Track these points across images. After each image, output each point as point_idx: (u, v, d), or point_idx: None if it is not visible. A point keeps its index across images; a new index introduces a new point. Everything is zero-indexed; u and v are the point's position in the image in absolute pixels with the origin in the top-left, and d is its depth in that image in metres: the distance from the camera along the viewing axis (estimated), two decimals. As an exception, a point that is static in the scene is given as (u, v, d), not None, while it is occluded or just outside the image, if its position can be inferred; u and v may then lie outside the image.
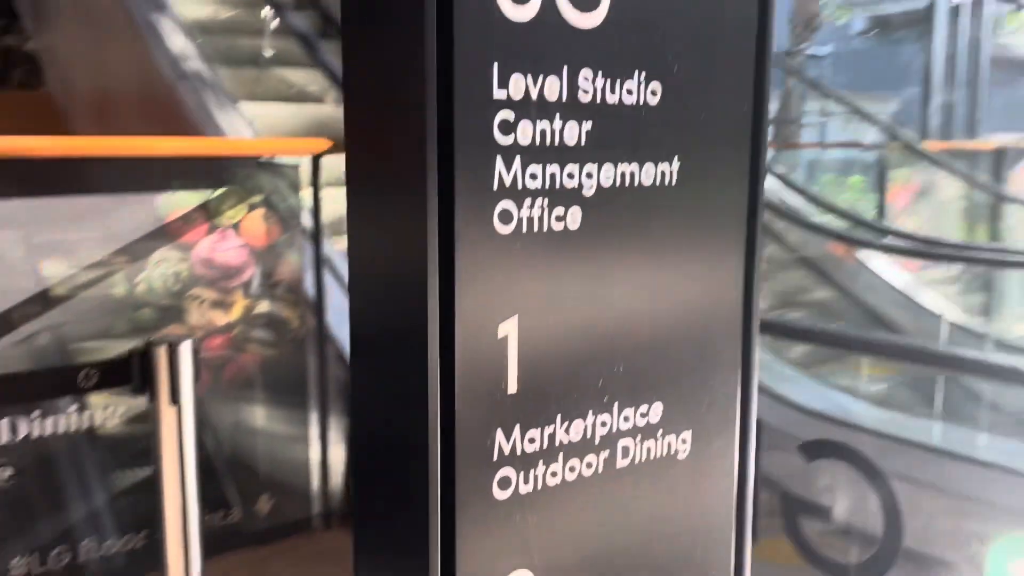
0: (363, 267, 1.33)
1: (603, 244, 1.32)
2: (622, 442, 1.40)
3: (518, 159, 1.21)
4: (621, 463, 1.40)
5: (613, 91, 1.29)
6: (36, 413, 3.24)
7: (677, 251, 1.41)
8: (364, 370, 1.36)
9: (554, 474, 1.33)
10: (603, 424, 1.37)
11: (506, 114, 1.19)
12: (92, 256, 3.69)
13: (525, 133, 1.21)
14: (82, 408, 3.20)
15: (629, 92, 1.30)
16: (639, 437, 1.42)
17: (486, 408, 1.24)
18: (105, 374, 2.21)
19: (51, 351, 3.45)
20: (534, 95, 1.21)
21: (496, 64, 1.16)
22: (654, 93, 1.33)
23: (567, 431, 1.33)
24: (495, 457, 1.26)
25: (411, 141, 1.16)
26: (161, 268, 4.11)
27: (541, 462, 1.31)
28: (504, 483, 1.28)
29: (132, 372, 2.14)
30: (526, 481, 1.30)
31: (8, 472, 3.15)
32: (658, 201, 1.37)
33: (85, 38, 8.85)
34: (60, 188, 3.31)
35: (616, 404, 1.38)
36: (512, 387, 1.26)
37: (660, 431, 1.44)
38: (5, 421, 3.19)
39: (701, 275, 1.45)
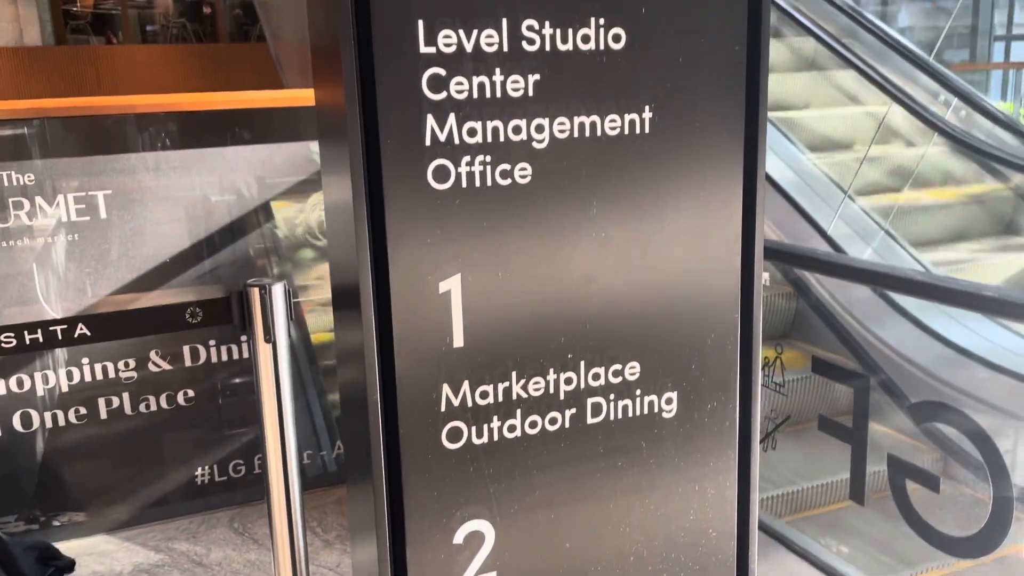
0: (331, 224, 1.39)
1: (562, 197, 1.29)
2: (592, 399, 1.37)
3: (452, 116, 1.20)
4: (592, 420, 1.38)
5: (565, 40, 1.24)
6: (212, 341, 3.67)
7: (656, 203, 1.34)
8: (340, 324, 1.44)
9: (512, 428, 1.34)
10: (568, 381, 1.35)
11: (436, 70, 1.18)
12: (255, 200, 4.01)
13: (460, 88, 1.20)
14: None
15: (585, 39, 1.24)
16: (612, 395, 1.38)
17: (430, 361, 1.27)
18: (208, 312, 2.41)
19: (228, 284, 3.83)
20: (469, 48, 1.19)
21: (421, 20, 1.16)
22: (617, 39, 1.26)
23: (524, 387, 1.33)
24: (443, 408, 1.29)
25: (337, 97, 1.19)
26: (317, 212, 4.40)
27: (496, 416, 1.32)
28: (454, 434, 1.31)
29: (232, 311, 2.34)
30: (479, 434, 1.32)
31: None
32: (629, 152, 1.31)
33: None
34: (220, 139, 3.66)
35: (583, 362, 1.35)
36: (458, 341, 1.27)
37: (638, 390, 1.40)
38: (187, 348, 3.63)
39: (686, 228, 1.37)
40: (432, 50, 1.17)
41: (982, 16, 8.62)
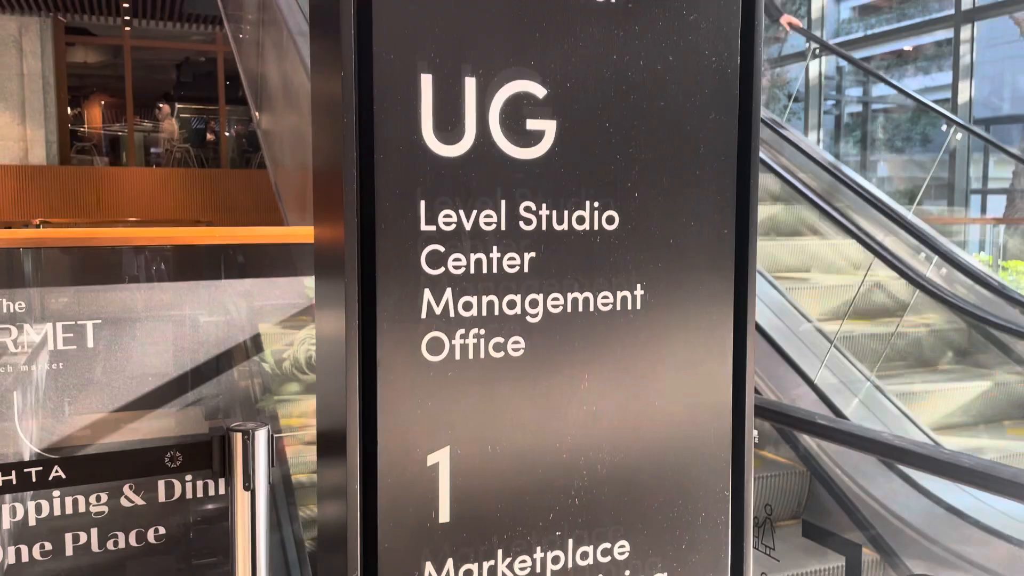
0: (321, 394, 1.39)
1: (553, 370, 1.29)
2: (579, 579, 1.33)
3: (449, 290, 1.22)
4: (579, 601, 1.34)
5: (561, 220, 1.27)
6: (188, 476, 3.57)
7: (646, 377, 1.35)
8: (324, 471, 1.41)
9: (496, 608, 1.29)
10: (555, 560, 1.32)
11: (435, 247, 1.21)
12: (246, 332, 4.00)
13: (458, 264, 1.22)
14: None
15: (580, 220, 1.28)
16: None
17: (414, 537, 1.23)
18: (188, 456, 2.36)
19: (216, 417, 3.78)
20: (468, 227, 1.22)
21: (423, 201, 1.19)
22: (611, 220, 1.30)
23: (510, 566, 1.29)
24: (425, 587, 1.25)
25: (337, 270, 1.21)
26: (306, 346, 4.37)
27: (479, 595, 1.28)
28: (436, 614, 1.26)
29: (213, 456, 2.30)
30: (462, 614, 1.27)
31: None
32: (621, 327, 1.32)
33: (290, 122, 9.81)
34: (212, 272, 3.69)
35: (571, 540, 1.32)
36: (444, 516, 1.25)
37: (627, 571, 1.36)
38: (162, 482, 3.54)
39: (676, 402, 1.37)
40: (432, 228, 1.20)
41: (958, 172, 9.01)
